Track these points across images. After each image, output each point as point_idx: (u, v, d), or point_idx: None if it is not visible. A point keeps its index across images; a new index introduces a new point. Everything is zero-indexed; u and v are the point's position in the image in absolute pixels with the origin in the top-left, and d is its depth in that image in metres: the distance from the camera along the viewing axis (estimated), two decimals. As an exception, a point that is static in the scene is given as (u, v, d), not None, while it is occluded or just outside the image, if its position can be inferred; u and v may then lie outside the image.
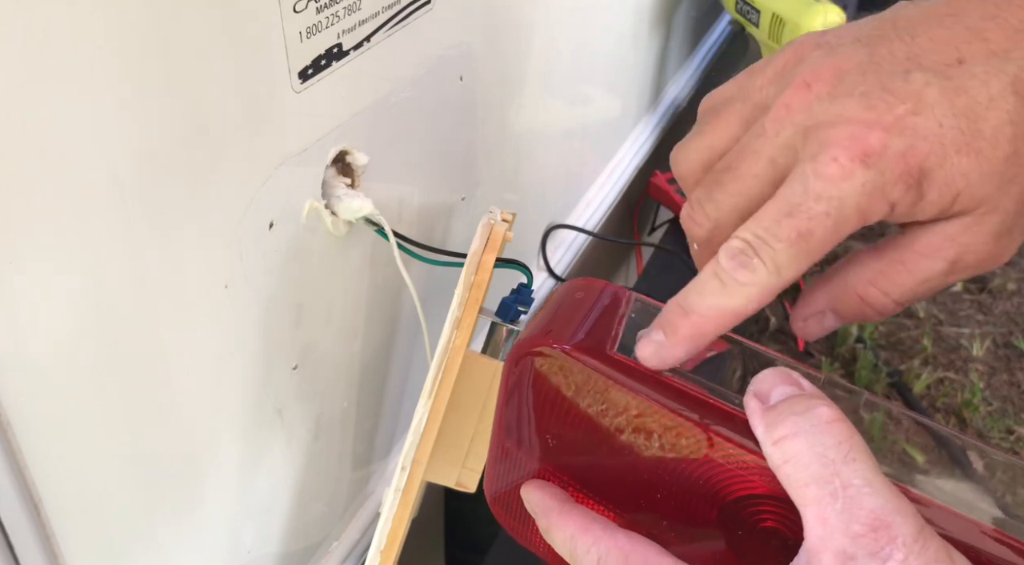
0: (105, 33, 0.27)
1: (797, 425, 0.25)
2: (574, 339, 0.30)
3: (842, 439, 0.25)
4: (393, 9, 0.41)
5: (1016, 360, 1.58)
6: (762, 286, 0.28)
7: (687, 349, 0.29)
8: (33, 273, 0.28)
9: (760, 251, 0.28)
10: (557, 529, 0.30)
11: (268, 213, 0.37)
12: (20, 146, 0.26)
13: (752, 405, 0.27)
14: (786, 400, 0.26)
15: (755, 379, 0.28)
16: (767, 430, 0.26)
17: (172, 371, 0.35)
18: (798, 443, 0.25)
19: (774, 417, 0.26)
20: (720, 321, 0.28)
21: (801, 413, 0.25)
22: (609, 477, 0.31)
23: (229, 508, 0.43)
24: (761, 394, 0.27)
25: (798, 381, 0.27)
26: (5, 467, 0.29)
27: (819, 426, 0.25)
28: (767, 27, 0.87)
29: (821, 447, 0.25)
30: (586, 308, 0.32)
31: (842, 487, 0.24)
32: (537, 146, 0.69)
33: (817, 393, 0.27)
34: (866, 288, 0.31)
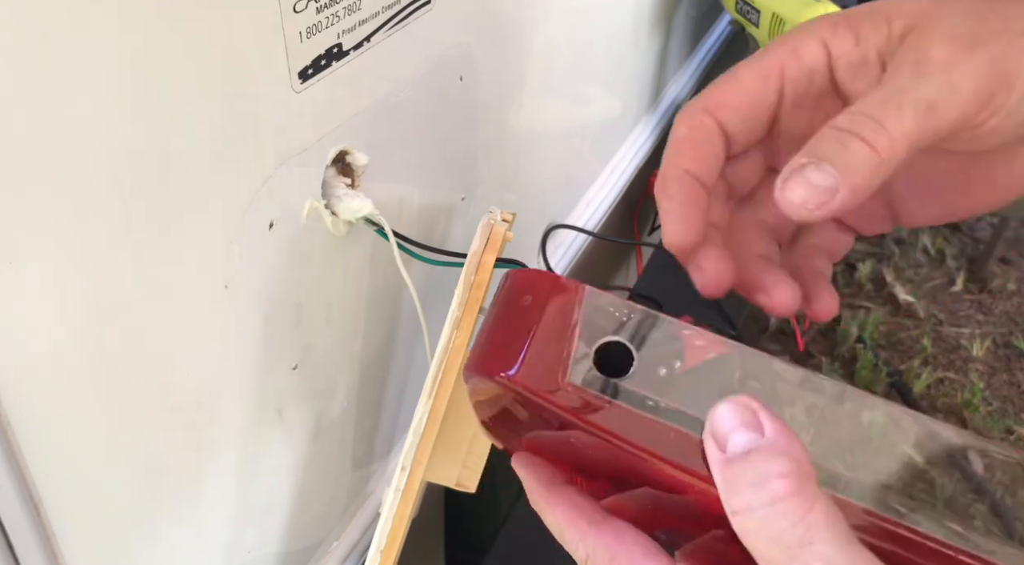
0: (104, 33, 0.27)
1: (750, 500, 0.23)
2: (520, 366, 0.27)
3: (796, 519, 0.22)
4: (393, 9, 0.41)
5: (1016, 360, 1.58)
6: (690, 111, 0.30)
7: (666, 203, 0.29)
8: (33, 273, 0.28)
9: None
10: (545, 514, 0.30)
11: (268, 213, 0.37)
12: (20, 146, 0.26)
13: (710, 451, 0.25)
14: (744, 458, 0.24)
15: (712, 414, 0.25)
16: (725, 491, 0.24)
17: (172, 371, 0.35)
18: (752, 521, 0.23)
19: (731, 479, 0.24)
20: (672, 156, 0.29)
21: (755, 485, 0.23)
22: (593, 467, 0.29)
23: (229, 508, 0.43)
24: (718, 436, 0.24)
25: (758, 420, 0.24)
26: (5, 467, 0.29)
27: (772, 505, 0.23)
28: (767, 27, 0.87)
29: (776, 531, 0.22)
30: (535, 318, 0.28)
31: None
32: (537, 146, 0.69)
33: (777, 445, 0.24)
34: (842, 117, 0.29)
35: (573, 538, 0.28)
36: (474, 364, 0.29)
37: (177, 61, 0.30)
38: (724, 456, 0.24)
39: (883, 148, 0.26)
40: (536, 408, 0.27)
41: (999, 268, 1.78)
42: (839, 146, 0.27)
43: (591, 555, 0.28)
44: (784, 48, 0.30)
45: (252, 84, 0.34)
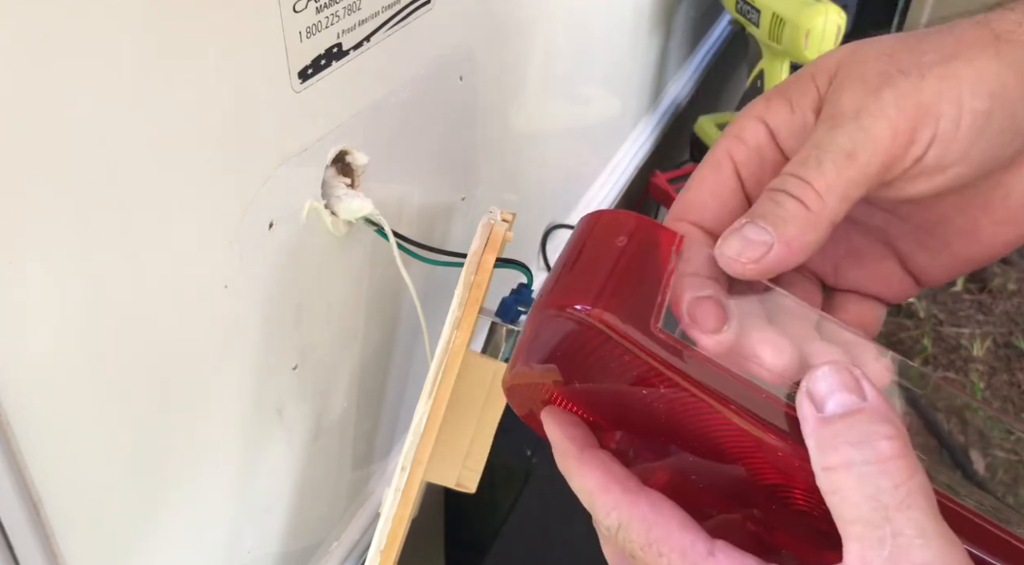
0: (104, 33, 0.27)
1: (851, 456, 0.23)
2: (612, 304, 0.26)
3: (900, 482, 0.22)
4: (393, 9, 0.41)
5: (1016, 360, 1.58)
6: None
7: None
8: (33, 273, 0.28)
9: None
10: (574, 478, 0.28)
11: (268, 213, 0.37)
12: (20, 146, 0.26)
13: (805, 410, 0.24)
14: (844, 419, 0.23)
15: (811, 375, 0.25)
16: (819, 449, 0.24)
17: (172, 371, 0.35)
18: (850, 478, 0.23)
19: (827, 437, 0.23)
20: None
21: (858, 443, 0.23)
22: (638, 422, 0.28)
23: (229, 508, 0.43)
24: (816, 397, 0.24)
25: (860, 386, 0.24)
26: (5, 467, 0.29)
27: (876, 463, 0.23)
28: (767, 27, 0.87)
29: (875, 489, 0.22)
30: (629, 260, 0.27)
31: (892, 535, 0.22)
32: (537, 146, 0.69)
33: (880, 409, 0.24)
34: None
35: (605, 505, 0.27)
36: (559, 297, 0.26)
37: (177, 61, 0.30)
38: (821, 415, 0.24)
39: (812, 202, 0.27)
40: (613, 352, 0.26)
41: (999, 268, 1.78)
42: (772, 204, 0.27)
43: (624, 525, 0.27)
44: (728, 137, 0.31)
45: (252, 84, 0.34)
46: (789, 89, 0.31)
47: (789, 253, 0.27)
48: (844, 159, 0.27)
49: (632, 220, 0.28)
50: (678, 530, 0.26)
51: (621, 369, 0.27)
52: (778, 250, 0.27)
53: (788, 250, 0.27)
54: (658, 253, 0.27)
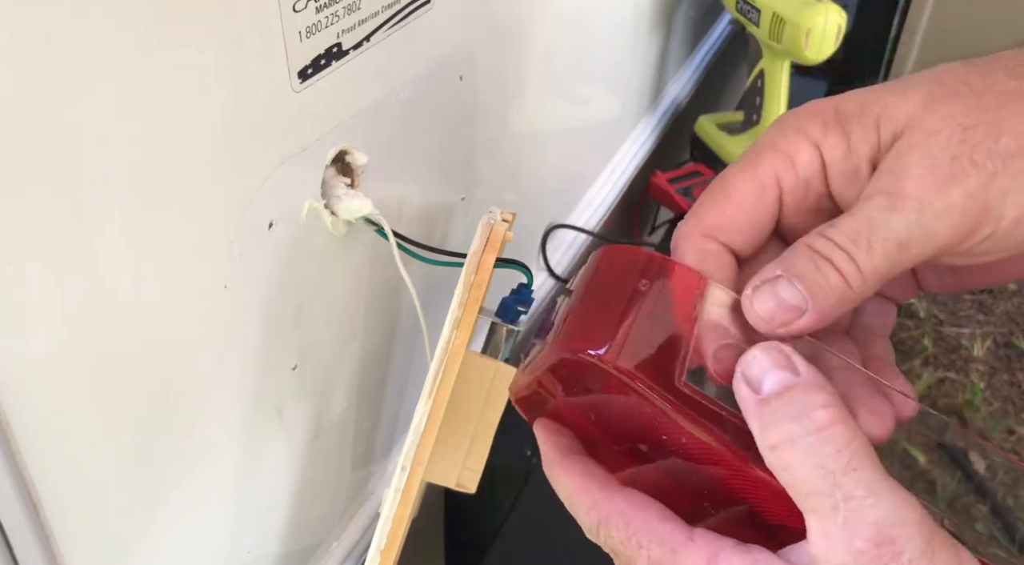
0: (103, 32, 0.27)
1: (792, 431, 0.23)
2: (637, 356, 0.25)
3: (841, 446, 0.23)
4: (393, 9, 0.41)
5: (1017, 360, 1.58)
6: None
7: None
8: (33, 273, 0.28)
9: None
10: (558, 483, 0.29)
11: (268, 213, 0.37)
12: (19, 146, 0.26)
13: (743, 393, 0.25)
14: (780, 396, 0.24)
15: (743, 359, 0.25)
16: (762, 430, 0.24)
17: (172, 371, 0.35)
18: (795, 453, 0.23)
19: (768, 416, 0.24)
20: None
21: (795, 417, 0.24)
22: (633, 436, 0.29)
23: (229, 508, 0.43)
24: (751, 380, 0.25)
25: (791, 361, 0.25)
26: (4, 467, 0.29)
27: (816, 433, 0.23)
28: (767, 27, 0.87)
29: (818, 457, 0.23)
30: (653, 306, 0.26)
31: (843, 499, 0.23)
32: (537, 146, 0.69)
33: (813, 381, 0.24)
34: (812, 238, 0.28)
35: (583, 504, 0.28)
36: (580, 340, 0.26)
37: (176, 61, 0.30)
38: (759, 397, 0.24)
39: (854, 281, 0.26)
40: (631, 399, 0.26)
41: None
42: (813, 267, 0.27)
43: (603, 522, 0.27)
44: (778, 155, 0.29)
45: (251, 84, 0.34)
46: (849, 123, 0.28)
47: (819, 321, 0.27)
48: (896, 248, 0.26)
49: (653, 261, 0.28)
50: (656, 521, 0.27)
51: (638, 411, 0.27)
52: (810, 318, 0.26)
53: (819, 319, 0.26)
54: (681, 298, 0.27)
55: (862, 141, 0.28)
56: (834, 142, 0.29)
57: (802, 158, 0.29)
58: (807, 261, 0.27)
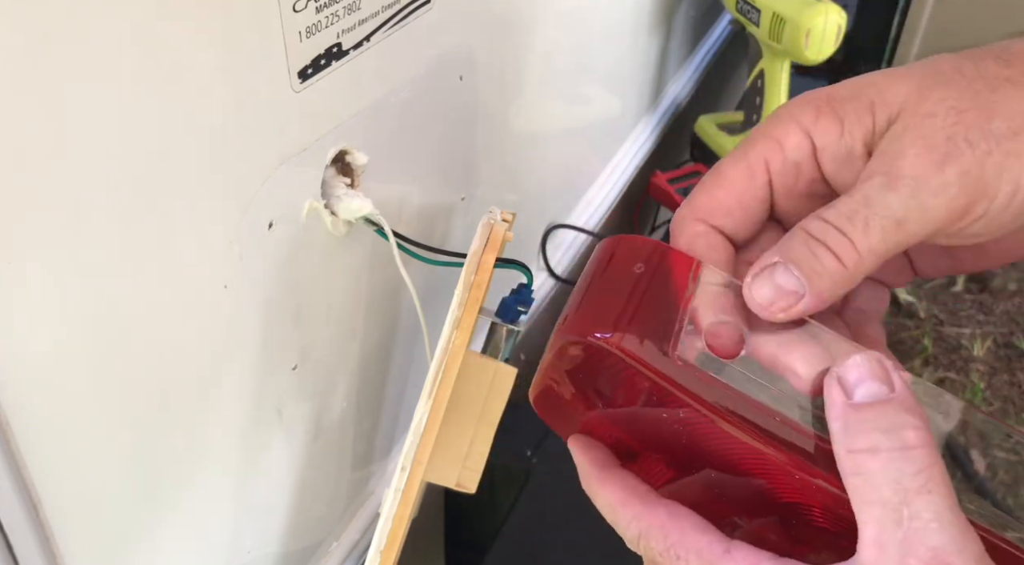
0: (103, 32, 0.27)
1: (878, 441, 0.24)
2: (631, 332, 0.26)
3: (922, 468, 0.23)
4: (393, 9, 0.41)
5: (1017, 360, 1.58)
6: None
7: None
8: (33, 273, 0.28)
9: None
10: (597, 496, 0.30)
11: (268, 213, 0.37)
12: (19, 146, 0.26)
13: (834, 395, 0.25)
14: (874, 407, 0.25)
15: (843, 363, 0.26)
16: (845, 433, 0.25)
17: (172, 371, 0.35)
18: (876, 462, 0.24)
19: (856, 423, 0.24)
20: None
21: (886, 430, 0.24)
22: (659, 441, 0.29)
23: (229, 508, 0.43)
24: (846, 384, 0.25)
25: (890, 377, 0.25)
26: (4, 467, 0.29)
27: (902, 450, 0.24)
28: (767, 27, 0.87)
29: (898, 473, 0.23)
30: (647, 287, 0.28)
31: (909, 518, 0.23)
32: (537, 146, 0.69)
33: (907, 402, 0.25)
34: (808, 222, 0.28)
35: (626, 517, 0.28)
36: (579, 324, 0.27)
37: (176, 61, 0.30)
38: (849, 401, 0.25)
39: (850, 262, 0.27)
40: (632, 378, 0.27)
41: (1000, 268, 1.78)
42: (808, 252, 0.27)
43: (644, 534, 0.28)
44: (768, 141, 0.29)
45: (251, 84, 0.34)
46: (844, 108, 0.29)
47: (818, 304, 0.27)
48: (893, 226, 0.26)
49: (649, 246, 0.29)
50: (693, 532, 0.27)
51: (642, 393, 0.27)
52: (808, 301, 0.27)
53: (818, 302, 0.27)
54: (675, 279, 0.28)
55: (856, 124, 0.28)
56: (826, 126, 0.29)
57: (790, 142, 0.29)
58: (802, 246, 0.27)
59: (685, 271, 0.28)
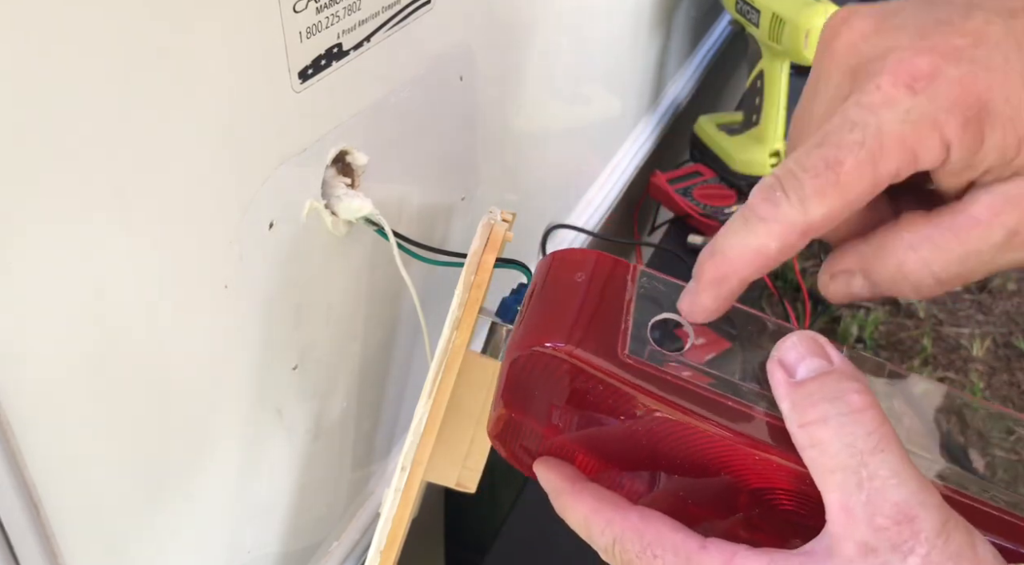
0: (104, 32, 0.27)
1: (827, 411, 0.24)
2: (579, 337, 0.27)
3: (872, 429, 0.24)
4: (393, 9, 0.41)
5: (1016, 360, 1.58)
6: (783, 221, 0.25)
7: (713, 295, 0.27)
8: (33, 273, 0.28)
9: (785, 183, 0.25)
10: (569, 510, 0.30)
11: (268, 213, 0.37)
12: (19, 146, 0.26)
13: (778, 376, 0.26)
14: (816, 380, 0.25)
15: (781, 344, 0.26)
16: (794, 410, 0.25)
17: (172, 371, 0.35)
18: (827, 430, 0.24)
19: (802, 397, 0.25)
20: (741, 261, 0.26)
21: (831, 399, 0.25)
22: (622, 452, 0.30)
23: (229, 508, 0.43)
24: (787, 364, 0.26)
25: (826, 351, 0.26)
26: (5, 467, 0.29)
27: (850, 414, 0.24)
28: (767, 27, 0.87)
29: (850, 436, 0.24)
30: (590, 294, 0.28)
31: (868, 478, 0.24)
32: (537, 146, 0.69)
33: (848, 370, 0.25)
34: (905, 253, 0.26)
35: (599, 524, 0.28)
36: (527, 338, 0.28)
37: (176, 61, 0.30)
38: (793, 380, 0.25)
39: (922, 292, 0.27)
40: (587, 384, 0.27)
41: (999, 268, 1.78)
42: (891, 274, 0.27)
43: (619, 539, 0.28)
44: (902, 151, 0.25)
45: (252, 84, 0.34)
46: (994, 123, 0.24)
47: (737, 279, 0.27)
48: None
49: (587, 256, 0.30)
50: (668, 531, 0.27)
51: (599, 400, 0.28)
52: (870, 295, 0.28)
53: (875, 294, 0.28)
54: (615, 284, 0.29)
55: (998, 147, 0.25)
56: (969, 144, 0.25)
57: (926, 158, 0.25)
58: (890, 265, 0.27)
59: (624, 274, 0.29)
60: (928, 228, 0.26)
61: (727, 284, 0.27)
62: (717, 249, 0.26)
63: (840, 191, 0.25)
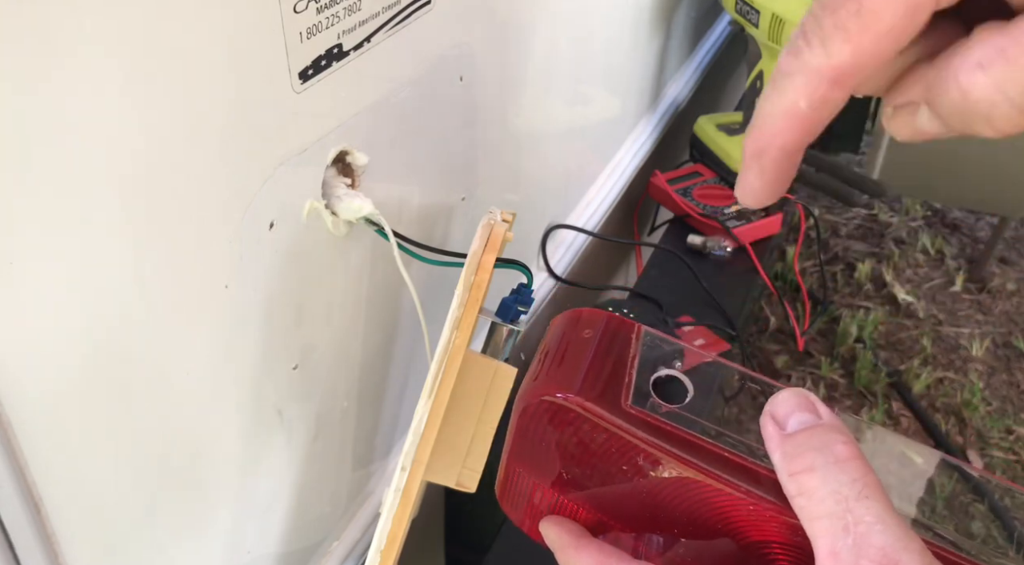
0: (105, 32, 0.27)
1: (814, 460, 0.26)
2: (586, 389, 0.29)
3: (856, 477, 0.25)
4: (393, 9, 0.41)
5: (1016, 360, 1.58)
6: (806, 70, 0.22)
7: (757, 170, 0.24)
8: (34, 273, 0.28)
9: (807, 28, 0.22)
10: (573, 562, 0.31)
11: (268, 213, 0.37)
12: (20, 146, 0.26)
13: (769, 430, 0.27)
14: (805, 432, 0.27)
15: (773, 400, 0.28)
16: (784, 459, 0.26)
17: (172, 371, 0.35)
18: (814, 478, 0.25)
19: (792, 448, 0.26)
20: (775, 126, 0.24)
21: (819, 449, 0.26)
22: (626, 508, 0.31)
23: (229, 508, 0.43)
24: (778, 418, 0.27)
25: (815, 407, 0.28)
26: (5, 467, 0.29)
27: (836, 463, 0.25)
28: (767, 27, 0.87)
29: (836, 484, 0.25)
30: (595, 349, 0.31)
31: (854, 523, 0.24)
32: (537, 146, 0.69)
33: (835, 424, 0.27)
34: (972, 74, 0.21)
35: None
36: (538, 389, 0.30)
37: (178, 61, 0.30)
38: (784, 432, 0.27)
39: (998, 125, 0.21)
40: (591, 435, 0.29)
41: (999, 268, 1.78)
42: (956, 103, 0.21)
43: None
44: None
45: (252, 84, 0.34)
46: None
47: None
48: None
49: (596, 316, 0.32)
50: None
51: (602, 449, 0.30)
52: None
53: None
54: (621, 341, 0.31)
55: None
56: None
57: None
58: (955, 90, 0.22)
59: (628, 333, 0.32)
60: (1002, 39, 0.21)
61: (768, 155, 0.24)
62: (753, 120, 0.24)
63: (866, 22, 0.21)
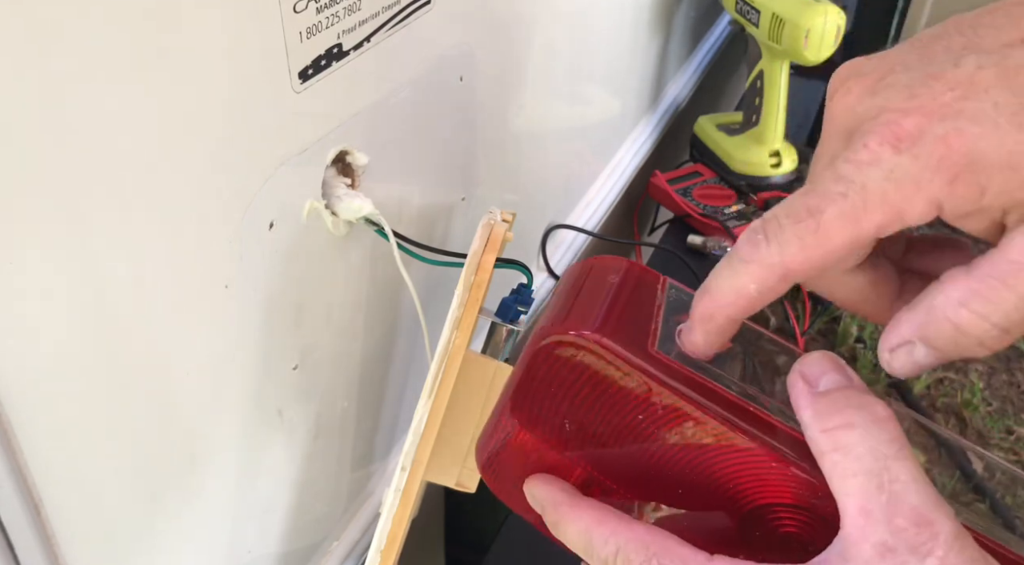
0: (105, 33, 0.27)
1: (853, 417, 0.25)
2: (614, 330, 0.28)
3: (894, 437, 0.25)
4: (393, 9, 0.41)
5: (1016, 360, 1.58)
6: (762, 263, 0.26)
7: (703, 331, 0.28)
8: (33, 273, 0.28)
9: (767, 227, 0.26)
10: (569, 522, 0.29)
11: (268, 213, 0.37)
12: (20, 145, 0.26)
13: (800, 387, 0.27)
14: (840, 391, 0.26)
15: (803, 359, 0.28)
16: (816, 417, 0.26)
17: (172, 371, 0.35)
18: (853, 435, 0.25)
19: (827, 405, 0.26)
20: (725, 300, 0.27)
21: (858, 407, 0.26)
22: (626, 468, 0.29)
23: (229, 508, 0.43)
24: (809, 377, 0.27)
25: (845, 371, 0.27)
26: (5, 467, 0.29)
27: (875, 422, 0.25)
28: (767, 27, 0.87)
29: (875, 441, 0.25)
30: (622, 294, 0.30)
31: (889, 481, 0.24)
32: (537, 146, 0.69)
33: (866, 388, 0.27)
34: (956, 311, 0.25)
35: (602, 534, 0.28)
36: (554, 326, 0.28)
37: (177, 61, 0.30)
38: (815, 390, 0.27)
39: (990, 345, 0.25)
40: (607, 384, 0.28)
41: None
42: (953, 334, 0.25)
43: (621, 548, 0.28)
44: (887, 210, 0.25)
45: (252, 84, 0.34)
46: (990, 176, 0.24)
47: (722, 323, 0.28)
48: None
49: (621, 263, 0.31)
50: (675, 545, 0.28)
51: (617, 401, 0.28)
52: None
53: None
54: (647, 289, 0.30)
55: (1001, 195, 0.24)
56: (963, 194, 0.24)
57: (913, 214, 0.25)
58: (945, 326, 0.26)
59: (654, 283, 0.31)
60: (972, 282, 0.25)
61: (714, 321, 0.28)
62: (705, 288, 0.28)
63: (819, 238, 0.25)
